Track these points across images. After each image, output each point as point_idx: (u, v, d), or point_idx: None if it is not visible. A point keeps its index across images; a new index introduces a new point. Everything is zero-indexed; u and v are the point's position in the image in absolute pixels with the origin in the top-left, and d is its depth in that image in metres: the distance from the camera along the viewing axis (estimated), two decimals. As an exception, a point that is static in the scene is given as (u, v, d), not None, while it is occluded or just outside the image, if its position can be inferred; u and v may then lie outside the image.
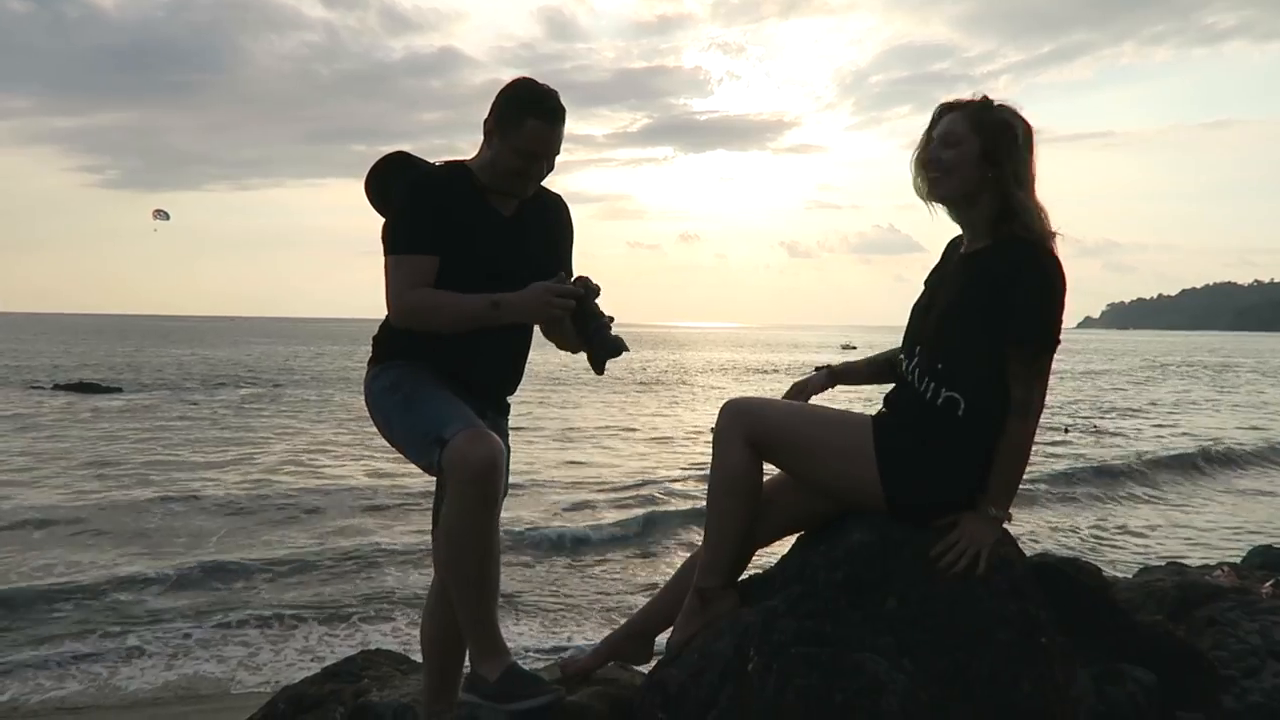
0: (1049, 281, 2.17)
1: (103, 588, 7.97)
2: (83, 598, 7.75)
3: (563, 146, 2.45)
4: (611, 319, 2.31)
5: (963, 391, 2.20)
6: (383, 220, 2.50)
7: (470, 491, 2.21)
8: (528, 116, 2.35)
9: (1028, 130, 2.24)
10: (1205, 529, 11.22)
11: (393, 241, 2.39)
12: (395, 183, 2.47)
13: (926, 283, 2.43)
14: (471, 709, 2.24)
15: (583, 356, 2.35)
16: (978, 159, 2.21)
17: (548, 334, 2.56)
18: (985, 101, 2.26)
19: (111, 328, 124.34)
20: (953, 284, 2.29)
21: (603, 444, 17.62)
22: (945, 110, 2.28)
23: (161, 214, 44.32)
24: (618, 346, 2.28)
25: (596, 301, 2.30)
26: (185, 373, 36.92)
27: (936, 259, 2.48)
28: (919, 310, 2.38)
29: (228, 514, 11.17)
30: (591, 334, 2.29)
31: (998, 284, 2.16)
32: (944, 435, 2.21)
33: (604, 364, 2.31)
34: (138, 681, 6.27)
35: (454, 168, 2.48)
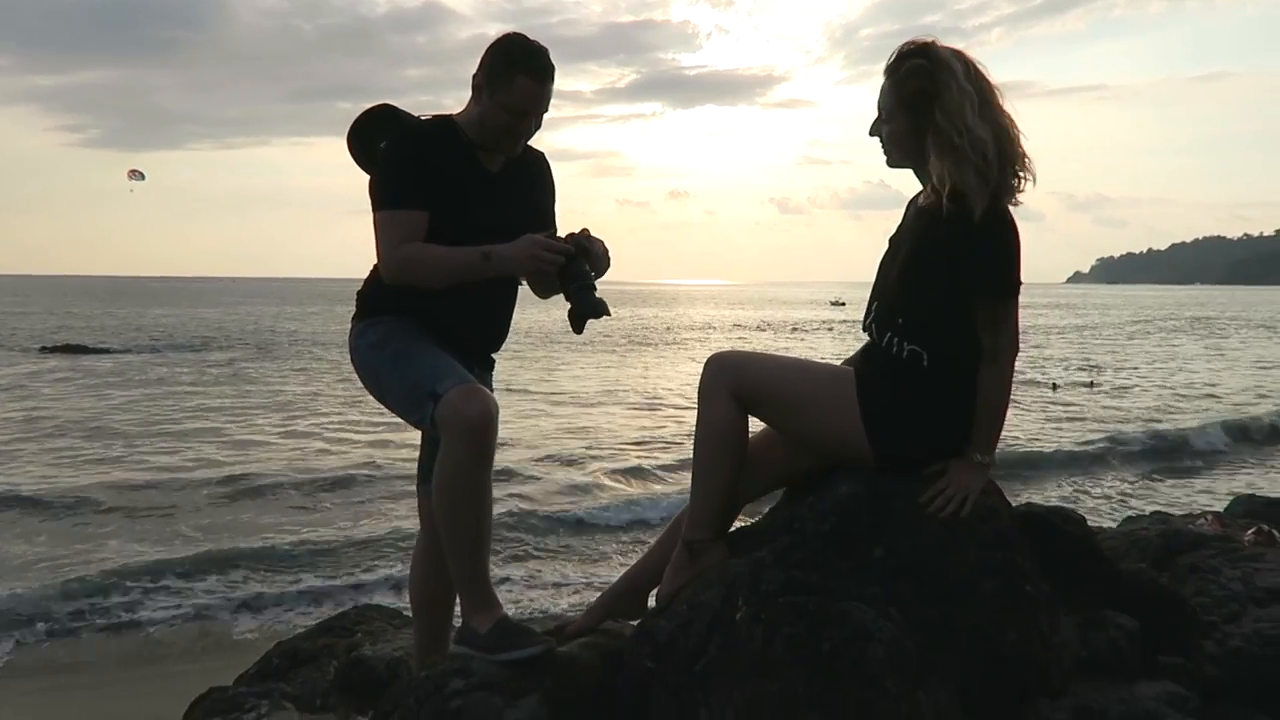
0: (1005, 230, 2.17)
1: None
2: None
3: (550, 103, 2.43)
4: (595, 275, 2.31)
5: (925, 344, 2.21)
6: (368, 176, 2.48)
7: (465, 447, 2.22)
8: (518, 73, 2.33)
9: (962, 66, 2.16)
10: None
11: (381, 197, 2.36)
12: (380, 137, 2.45)
13: (890, 240, 2.42)
14: (464, 660, 2.26)
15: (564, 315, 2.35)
16: (910, 131, 2.20)
17: (536, 290, 2.56)
18: (900, 64, 2.21)
19: (97, 289, 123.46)
20: (908, 239, 2.29)
21: (590, 406, 17.59)
22: (884, 74, 2.26)
23: (137, 174, 43.76)
24: (598, 308, 2.27)
25: (586, 261, 2.29)
26: (171, 333, 36.71)
27: None
28: (883, 266, 2.38)
29: (217, 483, 11.12)
30: (573, 293, 2.28)
31: (948, 236, 2.15)
32: (916, 387, 2.22)
33: (583, 324, 2.29)
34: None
35: (441, 123, 2.45)
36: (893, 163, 2.31)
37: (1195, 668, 2.44)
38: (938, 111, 2.14)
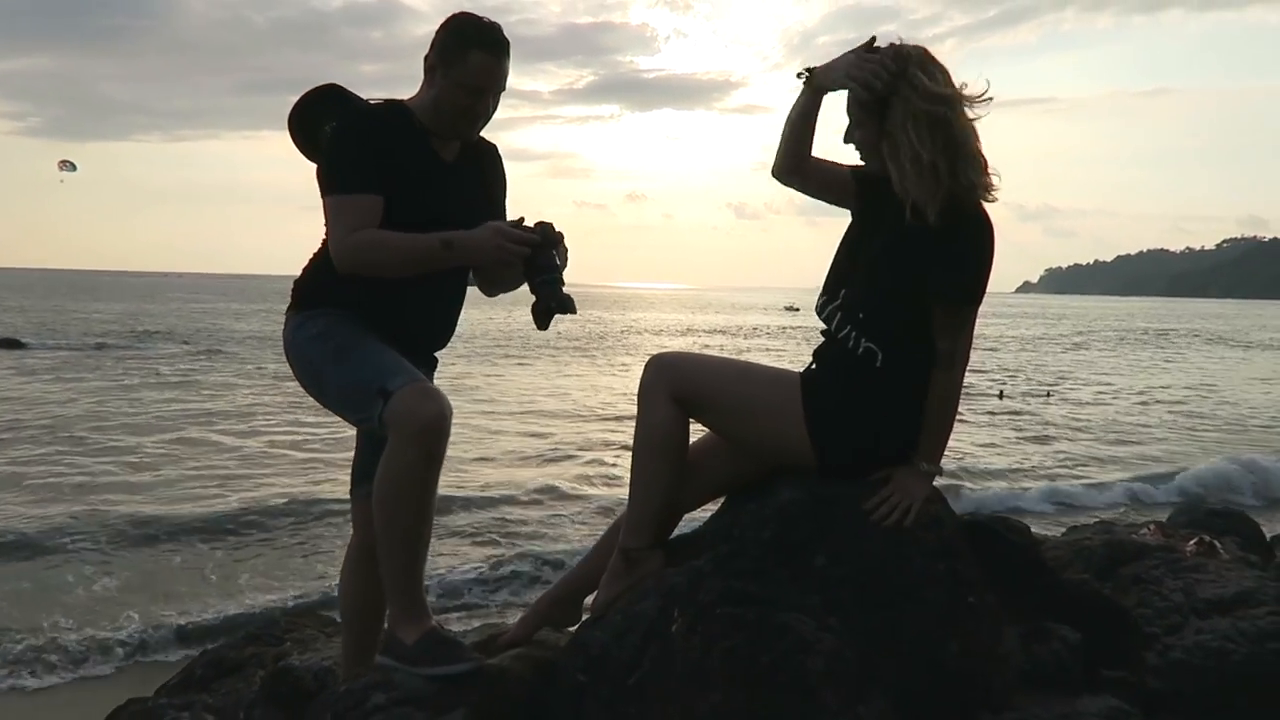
0: (976, 236, 2.13)
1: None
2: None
3: (508, 102, 2.36)
4: (560, 268, 2.17)
5: (881, 343, 2.16)
6: (314, 163, 2.36)
7: (416, 448, 2.12)
8: (472, 49, 2.24)
9: (926, 73, 2.10)
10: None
11: (333, 180, 2.23)
12: (326, 120, 2.31)
13: (859, 214, 2.34)
14: (387, 673, 2.15)
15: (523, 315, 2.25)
16: (876, 137, 2.15)
17: (485, 286, 2.45)
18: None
19: (40, 283, 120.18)
20: (884, 233, 2.22)
21: (535, 411, 17.32)
22: None
23: (68, 165, 42.63)
24: (564, 304, 2.14)
25: (554, 253, 2.16)
26: (115, 330, 35.78)
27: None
28: (847, 246, 2.31)
29: (142, 470, 10.81)
30: (539, 285, 2.15)
31: (925, 241, 2.10)
32: (865, 387, 2.17)
33: (548, 320, 2.16)
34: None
35: (394, 107, 2.34)
36: (873, 169, 2.24)
37: (1137, 680, 2.42)
38: (896, 120, 2.09)
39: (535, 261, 2.13)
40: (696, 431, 2.32)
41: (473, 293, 2.58)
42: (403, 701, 2.04)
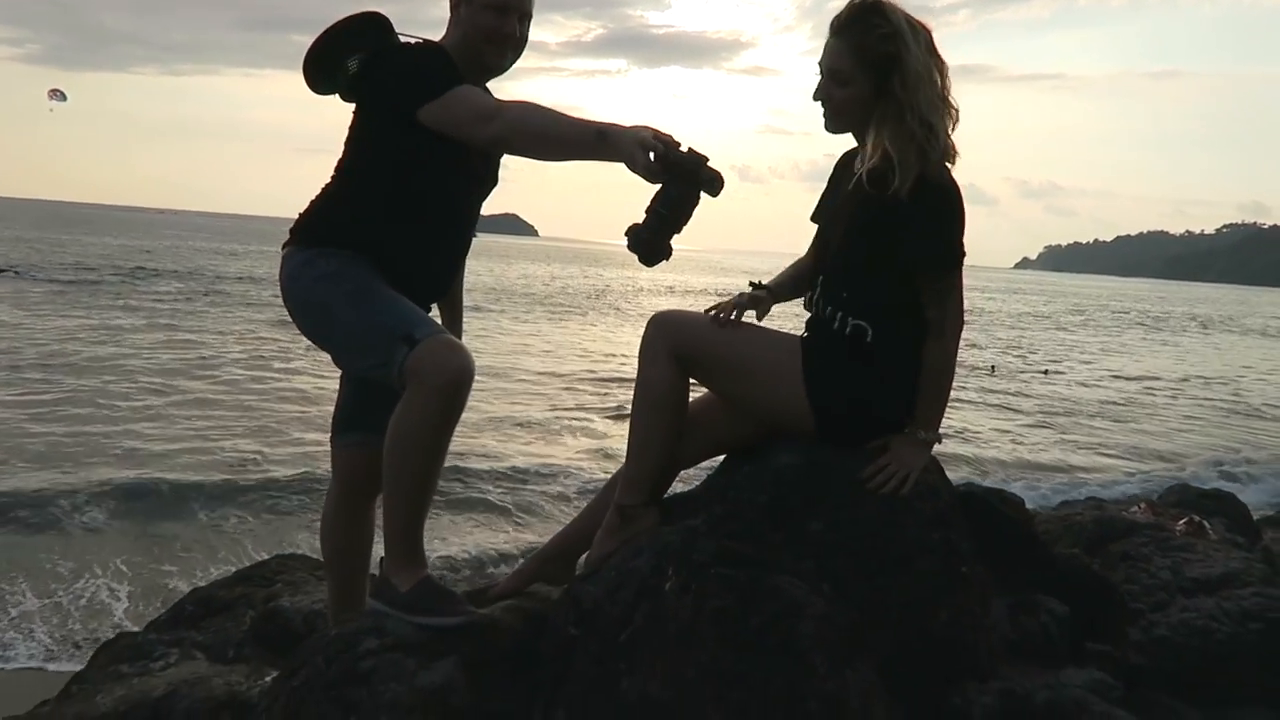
0: (951, 202, 2.11)
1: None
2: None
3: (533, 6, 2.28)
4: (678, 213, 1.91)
5: (869, 319, 2.15)
6: (318, 91, 2.30)
7: (440, 401, 2.08)
8: None
9: (917, 36, 2.08)
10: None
11: (435, 82, 2.10)
12: (356, 50, 2.22)
13: (823, 204, 2.34)
14: (378, 618, 2.16)
15: None
16: (869, 97, 2.10)
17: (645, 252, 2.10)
18: (865, 21, 2.08)
19: (31, 213, 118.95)
20: (849, 210, 2.21)
21: (532, 369, 17.27)
22: (831, 33, 2.14)
23: (58, 94, 41.97)
24: (648, 251, 1.94)
25: (685, 190, 1.91)
26: (102, 263, 35.49)
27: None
28: (821, 234, 2.31)
29: (140, 418, 10.75)
30: (649, 213, 1.92)
31: (893, 210, 2.08)
32: (859, 361, 2.17)
33: (634, 248, 1.95)
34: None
35: (435, 46, 2.26)
36: (837, 128, 2.21)
37: (1121, 654, 2.45)
38: (896, 81, 2.06)
39: (666, 189, 1.91)
40: (696, 391, 2.31)
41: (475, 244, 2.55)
42: (394, 648, 2.04)
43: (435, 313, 2.55)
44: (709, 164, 1.90)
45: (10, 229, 62.65)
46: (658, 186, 1.92)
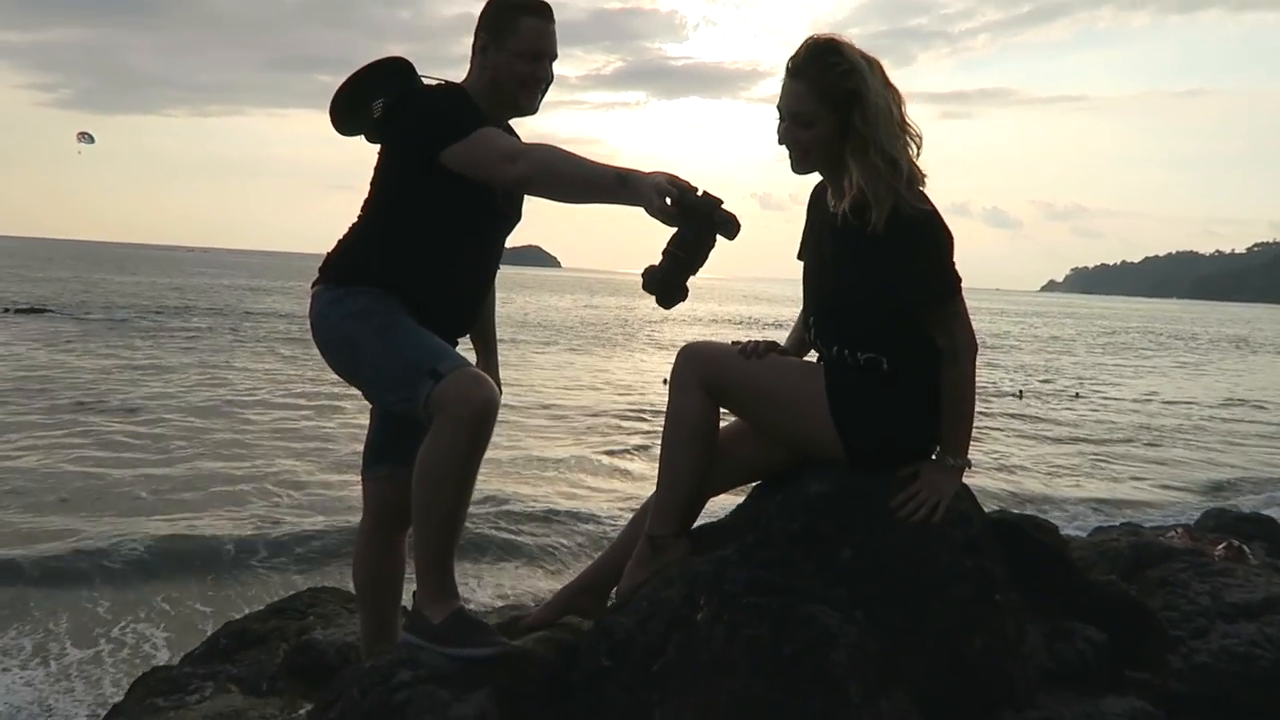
0: (931, 231, 2.11)
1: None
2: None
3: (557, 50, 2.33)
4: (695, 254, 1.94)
5: (880, 350, 2.16)
6: (344, 133, 2.36)
7: (467, 433, 2.11)
8: (522, 15, 2.25)
9: (873, 70, 2.09)
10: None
11: (463, 122, 2.16)
12: (381, 92, 2.29)
13: (804, 241, 2.34)
14: (412, 650, 2.17)
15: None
16: (834, 136, 2.11)
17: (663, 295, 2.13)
18: (823, 61, 2.09)
19: (67, 253, 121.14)
20: (830, 252, 2.22)
21: (560, 401, 17.26)
22: (789, 76, 2.14)
23: (86, 137, 43.14)
24: (664, 293, 1.96)
25: (702, 233, 1.93)
26: (133, 301, 36.06)
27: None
28: (809, 277, 2.31)
29: (170, 451, 10.85)
30: (666, 254, 1.94)
31: (875, 246, 2.08)
32: (881, 388, 2.17)
33: (651, 290, 1.98)
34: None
35: (458, 89, 2.33)
36: (804, 169, 2.22)
37: (1161, 682, 2.41)
38: (857, 116, 2.07)
39: (682, 232, 1.94)
40: (724, 420, 2.32)
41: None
42: (427, 680, 2.05)
43: (469, 348, 2.59)
44: (724, 207, 1.93)
45: (46, 269, 63.90)
46: (674, 229, 1.94)
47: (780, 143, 2.20)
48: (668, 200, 1.91)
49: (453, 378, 2.12)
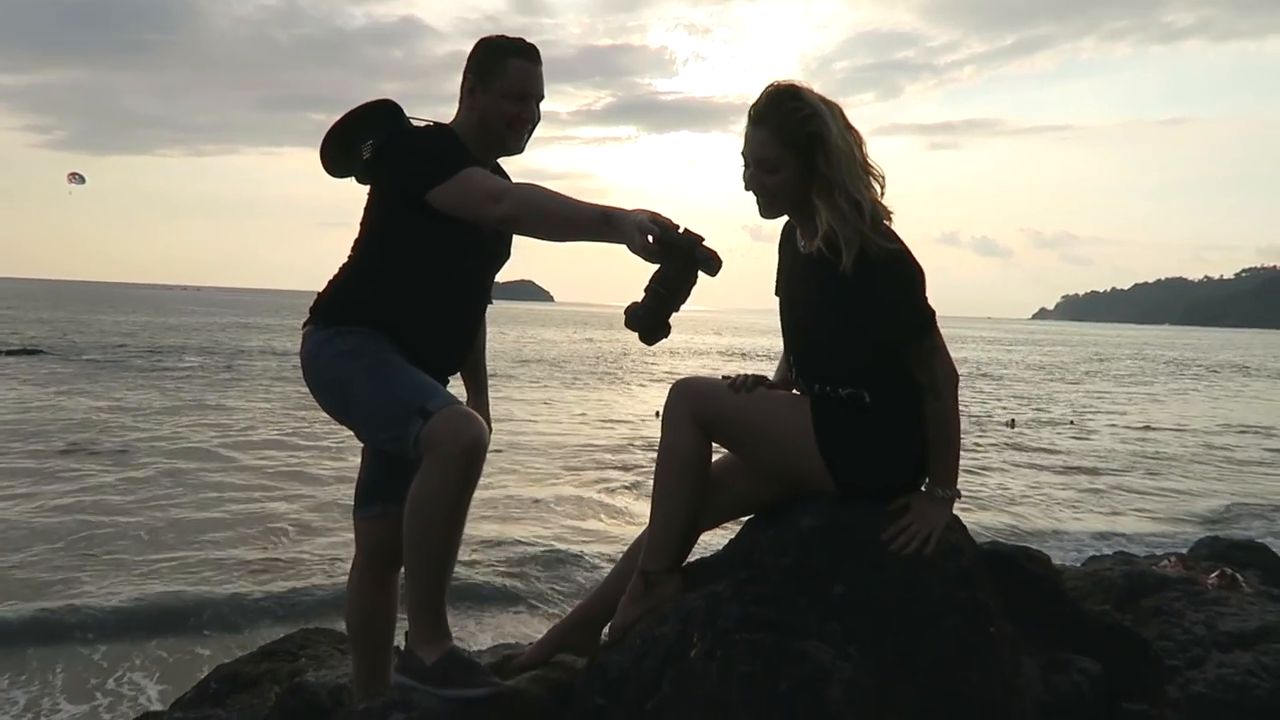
0: (900, 269, 2.12)
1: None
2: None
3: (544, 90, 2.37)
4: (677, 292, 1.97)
5: (860, 385, 2.18)
6: (335, 174, 2.38)
7: (457, 471, 2.12)
8: (508, 58, 2.30)
9: (833, 113, 2.13)
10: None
11: (447, 165, 2.19)
12: (371, 134, 2.32)
13: (778, 280, 2.37)
14: (405, 691, 2.16)
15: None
16: (800, 179, 2.14)
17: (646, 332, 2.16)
18: (784, 107, 2.12)
19: (63, 293, 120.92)
20: (803, 291, 2.25)
21: (552, 435, 17.26)
22: (752, 123, 2.17)
23: (77, 177, 43.45)
24: (647, 330, 1.99)
25: (685, 272, 1.96)
26: (126, 341, 35.99)
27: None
28: (784, 317, 2.34)
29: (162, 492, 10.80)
30: (648, 292, 1.97)
31: (847, 289, 2.11)
32: (865, 421, 2.18)
33: (634, 327, 2.01)
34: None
35: (446, 128, 2.37)
36: (773, 214, 2.25)
37: (1158, 714, 2.40)
38: (821, 159, 2.10)
39: (664, 269, 1.97)
40: (719, 453, 2.33)
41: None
42: (421, 721, 2.04)
43: (460, 386, 2.60)
44: (705, 244, 1.95)
45: (39, 310, 63.83)
46: (656, 266, 1.97)
47: (747, 189, 2.23)
48: (649, 238, 1.93)
49: (442, 416, 2.13)
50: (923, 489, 2.22)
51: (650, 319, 1.99)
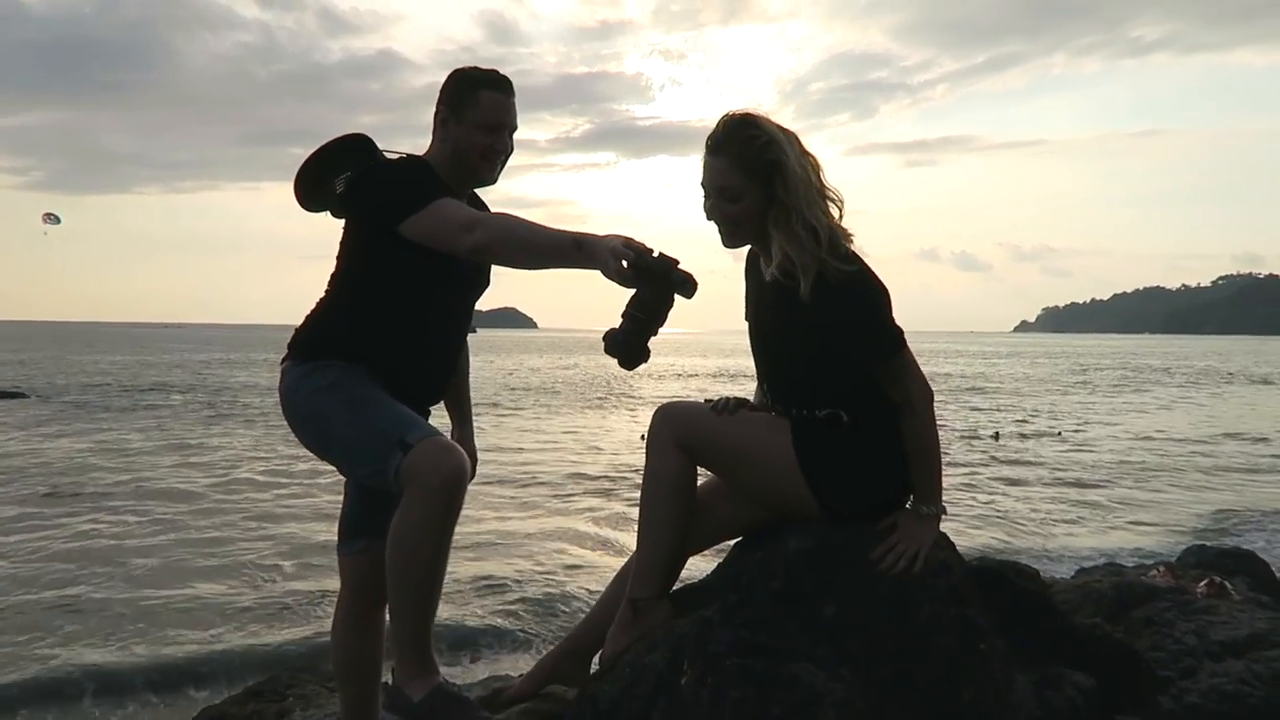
0: (861, 292, 2.13)
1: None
2: None
3: (517, 122, 2.38)
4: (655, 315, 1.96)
5: (838, 404, 2.18)
6: (310, 209, 2.38)
7: (438, 503, 2.10)
8: (481, 89, 2.30)
9: (790, 140, 2.15)
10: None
11: (422, 193, 2.18)
12: (344, 168, 2.32)
13: (746, 306, 2.37)
14: (393, 730, 2.12)
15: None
16: (761, 206, 2.15)
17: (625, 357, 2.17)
18: (742, 134, 2.14)
19: (44, 334, 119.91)
20: (770, 318, 2.25)
21: (532, 465, 17.19)
22: (710, 153, 2.18)
23: (51, 218, 43.39)
24: (626, 354, 1.98)
25: (662, 295, 1.96)
26: (109, 381, 35.68)
27: (875, 261, 2.42)
28: (754, 343, 2.34)
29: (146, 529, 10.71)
30: (626, 316, 1.96)
31: (809, 314, 2.11)
32: (845, 441, 2.18)
33: (613, 353, 2.00)
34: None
35: (419, 160, 2.37)
36: (734, 243, 2.25)
37: (1152, 726, 2.39)
38: (779, 186, 2.12)
39: (640, 294, 1.97)
40: (703, 477, 2.32)
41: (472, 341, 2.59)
42: (409, 759, 2.01)
43: (445, 418, 2.58)
44: (680, 266, 1.95)
45: (20, 351, 63.23)
46: (632, 291, 1.97)
47: (709, 219, 2.23)
48: (624, 263, 1.93)
49: (421, 448, 2.12)
50: (908, 507, 2.22)
51: (629, 344, 1.98)
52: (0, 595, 8.13)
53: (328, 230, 2.55)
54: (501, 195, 2.58)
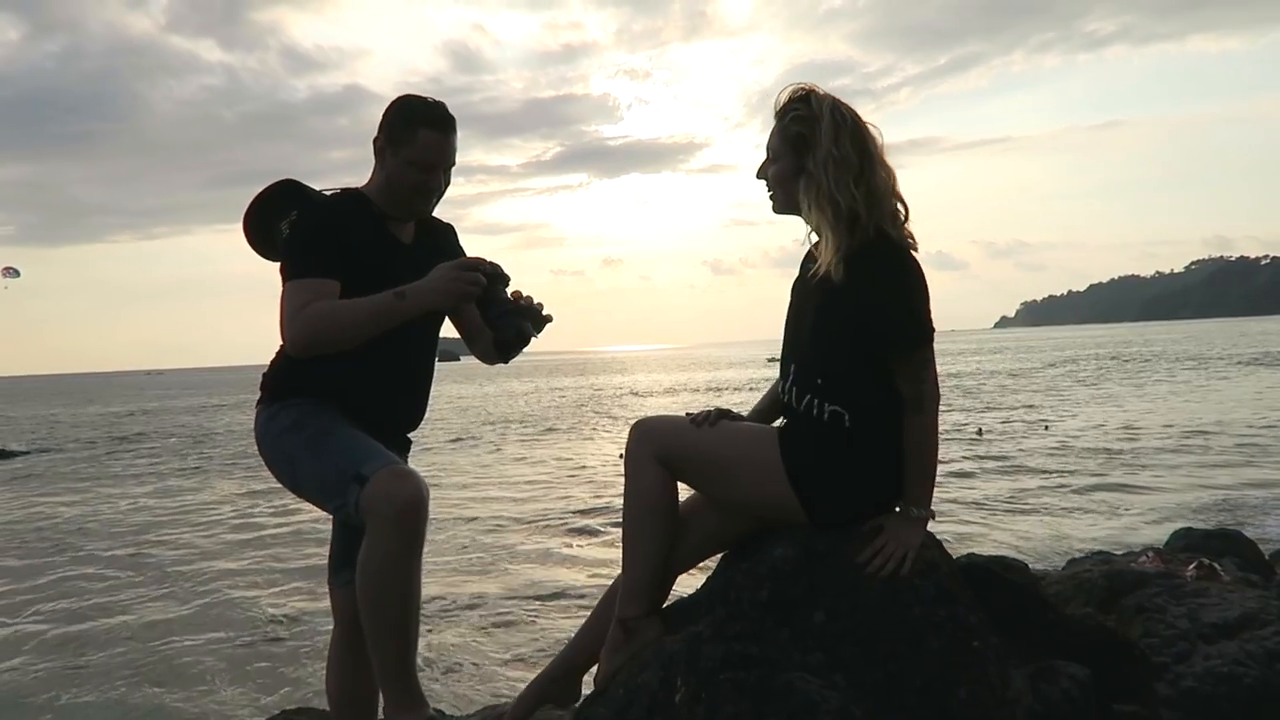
0: (900, 275, 2.12)
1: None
2: None
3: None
4: (530, 300, 2.26)
5: (845, 404, 2.15)
6: (267, 259, 2.38)
7: (396, 532, 2.09)
8: (419, 127, 2.29)
9: (841, 115, 2.15)
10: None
11: (291, 268, 2.22)
12: (283, 216, 2.36)
13: (793, 293, 2.37)
14: (387, 767, 2.09)
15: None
16: (794, 173, 2.18)
17: (483, 352, 2.51)
18: (788, 105, 2.20)
19: (21, 389, 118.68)
20: (812, 297, 2.24)
21: (516, 484, 17.09)
22: (775, 116, 2.25)
23: (11, 271, 43.12)
24: (523, 332, 2.24)
25: (505, 287, 2.25)
26: (95, 434, 35.35)
27: None
28: (790, 324, 2.33)
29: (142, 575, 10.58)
30: (496, 319, 2.24)
31: (849, 292, 2.10)
32: (840, 448, 2.16)
33: (510, 352, 2.31)
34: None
35: (351, 195, 2.37)
36: (779, 208, 2.28)
37: (1151, 713, 2.38)
38: (810, 160, 2.13)
39: (489, 295, 2.21)
40: (685, 493, 2.30)
41: (444, 370, 2.57)
42: (404, 796, 1.98)
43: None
44: (490, 261, 2.23)
45: (2, 408, 62.49)
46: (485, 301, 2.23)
47: (758, 176, 2.30)
48: (463, 275, 2.15)
49: (376, 479, 2.12)
50: (897, 509, 2.20)
51: (516, 332, 2.24)
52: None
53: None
54: (476, 222, 2.61)
